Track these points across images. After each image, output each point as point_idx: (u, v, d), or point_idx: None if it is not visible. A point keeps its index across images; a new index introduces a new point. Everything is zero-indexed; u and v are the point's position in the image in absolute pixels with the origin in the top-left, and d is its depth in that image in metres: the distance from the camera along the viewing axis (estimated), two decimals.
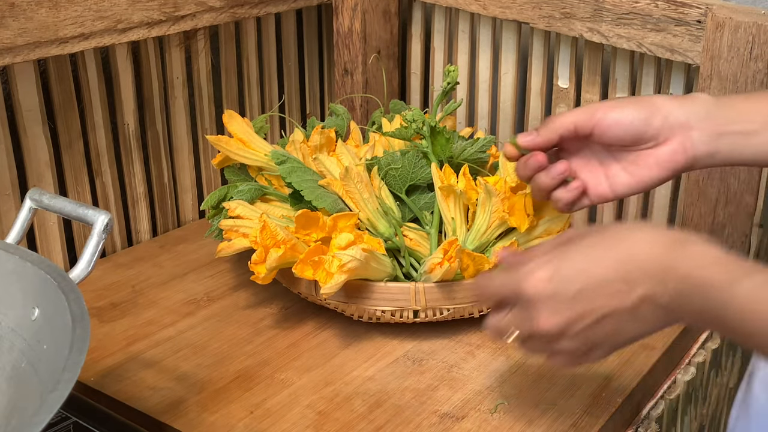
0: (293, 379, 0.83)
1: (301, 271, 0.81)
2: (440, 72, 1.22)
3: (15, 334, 0.61)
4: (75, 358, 0.52)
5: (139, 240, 1.11)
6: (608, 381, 0.82)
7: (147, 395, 0.80)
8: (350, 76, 1.21)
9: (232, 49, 1.16)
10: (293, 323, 0.92)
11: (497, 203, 0.86)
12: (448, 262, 0.82)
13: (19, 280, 0.62)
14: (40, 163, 0.98)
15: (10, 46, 0.87)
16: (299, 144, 0.97)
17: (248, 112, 1.21)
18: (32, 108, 0.96)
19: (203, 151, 1.17)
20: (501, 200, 0.86)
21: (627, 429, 0.82)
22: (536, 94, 1.14)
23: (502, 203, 0.86)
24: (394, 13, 1.21)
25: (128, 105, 1.06)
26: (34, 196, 0.69)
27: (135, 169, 1.08)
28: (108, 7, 0.94)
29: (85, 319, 0.55)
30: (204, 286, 0.99)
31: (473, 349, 0.88)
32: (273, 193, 0.95)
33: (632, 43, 0.99)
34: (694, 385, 0.91)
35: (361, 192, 0.88)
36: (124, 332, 0.90)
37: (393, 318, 0.87)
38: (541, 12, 1.05)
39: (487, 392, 0.81)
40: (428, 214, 0.91)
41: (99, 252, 0.63)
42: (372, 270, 0.84)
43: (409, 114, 0.90)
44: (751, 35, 0.90)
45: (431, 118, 0.99)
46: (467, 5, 1.12)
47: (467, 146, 0.95)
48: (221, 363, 0.85)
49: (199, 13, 1.04)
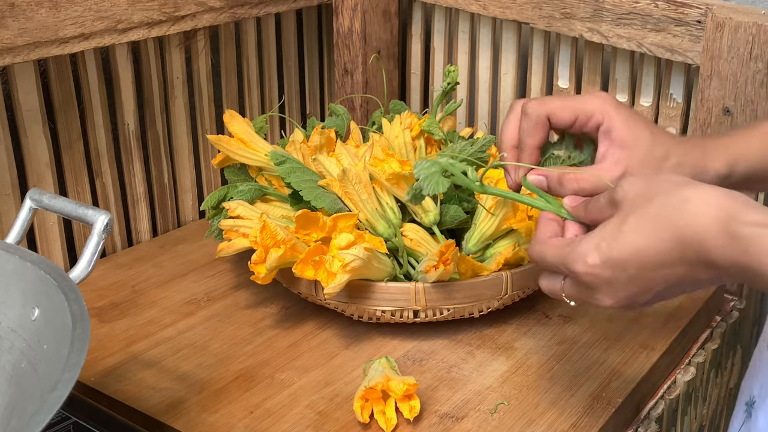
0: (293, 379, 0.83)
1: (301, 271, 0.81)
2: (440, 72, 1.22)
3: (15, 334, 0.61)
4: (75, 358, 0.52)
5: (139, 240, 1.11)
6: (608, 381, 0.82)
7: (147, 395, 0.80)
8: (350, 76, 1.21)
9: (232, 49, 1.16)
10: (293, 323, 0.92)
11: (509, 212, 0.87)
12: (443, 265, 0.82)
13: (19, 280, 0.62)
14: (40, 163, 0.98)
15: (10, 46, 0.87)
16: (299, 144, 0.97)
17: (248, 112, 1.21)
18: (32, 108, 0.96)
19: (203, 151, 1.17)
20: (513, 210, 0.87)
21: (627, 429, 0.82)
22: (536, 94, 1.14)
23: (513, 212, 0.87)
24: (394, 13, 1.21)
25: (128, 105, 1.06)
26: (34, 196, 0.69)
27: (135, 169, 1.08)
28: (108, 7, 0.94)
29: (85, 319, 0.55)
30: (204, 286, 0.99)
31: (473, 349, 0.88)
32: (273, 193, 0.95)
33: (632, 43, 0.99)
34: (694, 385, 0.91)
35: (360, 193, 0.88)
36: (124, 332, 0.90)
37: (393, 318, 0.87)
38: (541, 12, 1.05)
39: (487, 392, 0.81)
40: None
41: (99, 252, 0.63)
42: (374, 269, 0.84)
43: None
44: (751, 35, 0.90)
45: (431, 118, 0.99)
46: (467, 5, 1.12)
47: (467, 146, 0.95)
48: (221, 363, 0.85)
49: (199, 13, 1.04)
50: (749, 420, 0.69)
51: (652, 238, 0.56)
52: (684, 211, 0.55)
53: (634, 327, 0.90)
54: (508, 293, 0.87)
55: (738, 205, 0.54)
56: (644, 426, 0.82)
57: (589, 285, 0.59)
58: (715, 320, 0.98)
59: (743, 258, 0.52)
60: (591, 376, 0.83)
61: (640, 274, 0.56)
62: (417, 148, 0.98)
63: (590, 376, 0.83)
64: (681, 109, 1.02)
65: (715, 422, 1.03)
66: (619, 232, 0.57)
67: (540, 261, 0.63)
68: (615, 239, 0.57)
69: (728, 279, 0.55)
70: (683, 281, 0.56)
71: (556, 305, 0.94)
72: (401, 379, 0.76)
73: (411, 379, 0.76)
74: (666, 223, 0.55)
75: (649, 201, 0.57)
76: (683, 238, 0.54)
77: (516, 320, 0.92)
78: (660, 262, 0.56)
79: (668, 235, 0.55)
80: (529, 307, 0.94)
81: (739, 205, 0.54)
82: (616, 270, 0.57)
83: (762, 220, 0.52)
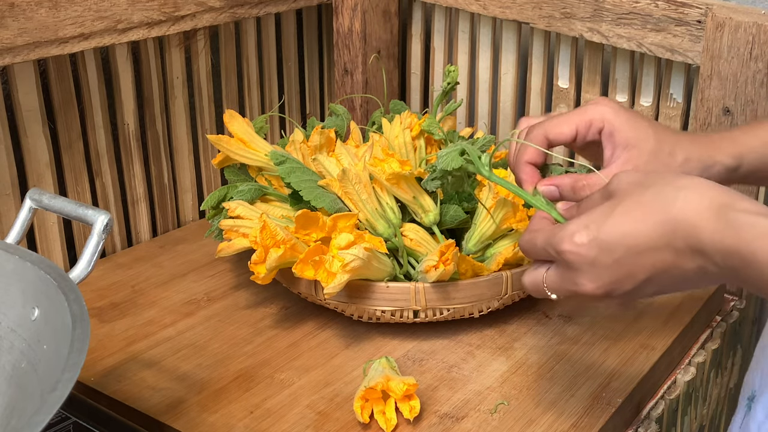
0: (293, 379, 0.83)
1: (301, 271, 0.81)
2: (440, 72, 1.22)
3: (15, 334, 0.61)
4: (75, 358, 0.52)
5: (139, 240, 1.11)
6: (608, 381, 0.82)
7: (147, 395, 0.80)
8: (350, 76, 1.21)
9: (232, 49, 1.16)
10: (293, 323, 0.92)
11: (509, 212, 0.87)
12: (443, 265, 0.82)
13: (19, 280, 0.62)
14: (40, 163, 0.98)
15: (10, 46, 0.87)
16: (299, 144, 0.97)
17: (248, 112, 1.21)
18: (32, 108, 0.96)
19: (203, 151, 1.17)
20: (513, 210, 0.87)
21: (627, 429, 0.82)
22: (536, 94, 1.14)
23: (513, 212, 0.87)
24: (394, 13, 1.21)
25: (128, 105, 1.06)
26: (34, 196, 0.69)
27: (135, 169, 1.08)
28: (108, 7, 0.94)
29: (85, 319, 0.55)
30: (204, 286, 0.99)
31: (473, 349, 0.88)
32: (273, 193, 0.95)
33: (632, 43, 0.99)
34: (694, 385, 0.91)
35: (360, 193, 0.88)
36: (124, 332, 0.90)
37: (393, 318, 0.87)
38: (541, 12, 1.05)
39: (487, 392, 0.81)
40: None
41: (99, 252, 0.63)
42: (374, 269, 0.84)
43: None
44: (751, 35, 0.90)
45: (431, 118, 0.99)
46: (467, 5, 1.12)
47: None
48: (221, 363, 0.85)
49: (199, 13, 1.04)
50: (749, 414, 0.69)
51: (641, 222, 0.56)
52: (678, 199, 0.55)
53: (634, 327, 0.90)
54: (508, 293, 0.87)
55: (732, 195, 0.54)
56: (644, 426, 0.82)
57: (573, 265, 0.58)
58: (715, 320, 0.98)
59: (734, 242, 0.52)
60: (591, 376, 0.83)
61: (626, 257, 0.56)
62: (417, 148, 0.98)
63: (590, 376, 0.83)
64: (681, 109, 1.02)
65: (715, 422, 1.03)
66: (610, 215, 0.57)
67: (529, 247, 0.62)
68: (605, 221, 0.57)
69: (713, 272, 0.54)
70: (668, 271, 0.56)
71: (557, 305, 0.94)
72: (401, 379, 0.76)
73: (411, 379, 0.76)
74: (658, 209, 0.55)
75: (643, 189, 0.57)
76: (674, 222, 0.54)
77: (516, 320, 0.92)
78: (647, 245, 0.55)
79: (659, 218, 0.55)
80: (529, 307, 0.94)
81: (734, 195, 0.54)
82: (603, 251, 0.56)
83: (756, 209, 0.53)
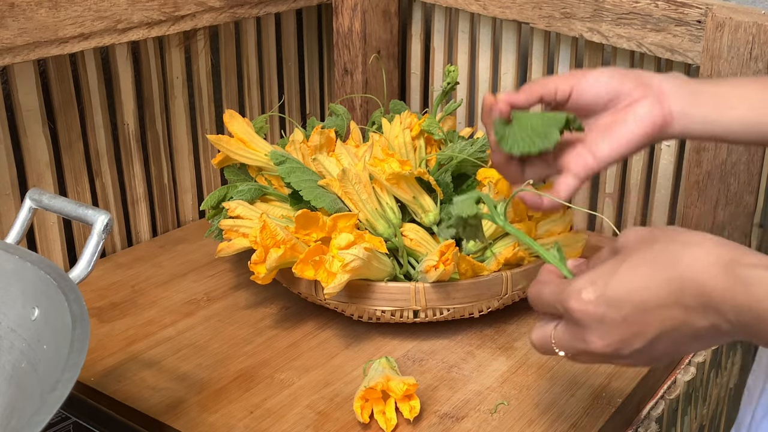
0: (293, 379, 0.83)
1: (301, 271, 0.81)
2: (440, 72, 1.22)
3: (15, 334, 0.61)
4: (75, 358, 0.52)
5: (139, 240, 1.11)
6: (608, 381, 0.82)
7: (147, 395, 0.80)
8: (350, 76, 1.21)
9: (232, 49, 1.16)
10: (293, 323, 0.92)
11: (509, 212, 0.87)
12: (443, 265, 0.82)
13: (19, 280, 0.62)
14: (40, 163, 0.98)
15: (9, 46, 0.87)
16: (299, 144, 0.97)
17: (248, 112, 1.21)
18: (32, 108, 0.96)
19: (203, 151, 1.17)
20: (513, 209, 0.87)
21: (627, 429, 0.82)
22: None
23: (514, 212, 0.87)
24: (394, 13, 1.21)
25: (128, 105, 1.06)
26: (34, 196, 0.69)
27: (135, 169, 1.08)
28: (108, 7, 0.94)
29: (85, 319, 0.55)
30: (204, 286, 0.99)
31: (473, 349, 0.88)
32: (273, 193, 0.95)
33: (632, 43, 0.99)
34: (694, 385, 0.91)
35: (360, 193, 0.88)
36: (124, 332, 0.90)
37: (393, 318, 0.87)
38: (541, 12, 1.05)
39: (487, 392, 0.81)
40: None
41: (99, 252, 0.63)
42: (374, 269, 0.84)
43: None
44: (751, 35, 0.90)
45: (431, 118, 0.99)
46: (467, 5, 1.12)
47: (467, 146, 0.95)
48: (221, 363, 0.85)
49: (199, 13, 1.04)
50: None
51: (649, 279, 0.55)
52: (685, 255, 0.54)
53: None
54: (508, 293, 0.87)
55: (738, 250, 0.54)
56: (644, 426, 0.82)
57: (581, 323, 0.57)
58: None
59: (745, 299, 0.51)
60: (591, 376, 0.83)
61: (634, 315, 0.55)
62: (417, 148, 0.98)
63: (590, 376, 0.83)
64: None
65: (715, 422, 1.03)
66: (617, 271, 0.56)
67: (537, 299, 0.62)
68: (612, 277, 0.56)
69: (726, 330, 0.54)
70: (679, 329, 0.55)
71: None
72: (401, 379, 0.76)
73: (411, 379, 0.76)
74: (665, 265, 0.55)
75: (649, 245, 0.56)
76: (682, 279, 0.54)
77: (516, 320, 0.92)
78: (656, 303, 0.55)
79: (667, 276, 0.54)
80: (529, 307, 0.93)
81: (739, 250, 0.54)
82: (610, 308, 0.56)
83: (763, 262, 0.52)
